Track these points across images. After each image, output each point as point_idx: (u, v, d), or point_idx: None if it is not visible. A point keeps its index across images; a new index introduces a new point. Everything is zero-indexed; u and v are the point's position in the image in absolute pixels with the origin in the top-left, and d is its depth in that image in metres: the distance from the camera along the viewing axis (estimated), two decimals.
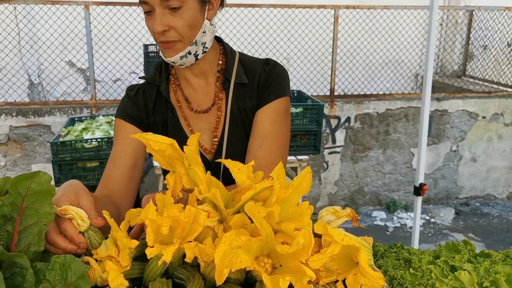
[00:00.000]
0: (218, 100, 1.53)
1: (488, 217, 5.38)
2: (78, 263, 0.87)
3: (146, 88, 1.57)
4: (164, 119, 1.55)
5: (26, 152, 4.63)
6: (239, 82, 1.53)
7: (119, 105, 1.60)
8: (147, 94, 1.56)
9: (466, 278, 1.06)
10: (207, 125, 1.55)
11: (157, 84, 1.56)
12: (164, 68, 1.57)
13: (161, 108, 1.55)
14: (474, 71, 6.54)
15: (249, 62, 1.58)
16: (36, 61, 5.41)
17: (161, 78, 1.55)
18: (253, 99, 1.53)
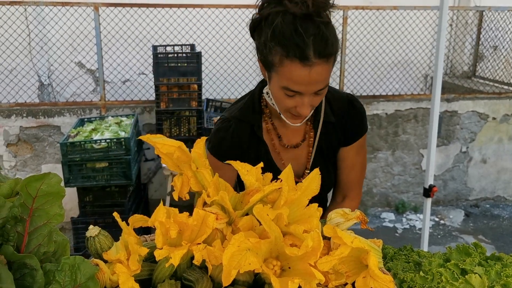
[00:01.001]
0: (308, 137, 1.67)
1: (498, 219, 5.33)
2: (87, 265, 0.88)
3: (239, 125, 1.63)
4: (257, 155, 1.64)
5: (36, 153, 4.66)
6: (327, 120, 1.65)
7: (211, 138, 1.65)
8: (240, 133, 1.63)
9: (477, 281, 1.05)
10: (296, 158, 1.68)
11: (251, 123, 1.63)
12: (258, 107, 1.64)
13: (254, 146, 1.65)
14: (484, 72, 6.49)
15: (335, 101, 1.66)
16: (46, 62, 5.44)
17: (256, 118, 1.63)
18: (340, 138, 1.68)
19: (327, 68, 1.38)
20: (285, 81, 1.38)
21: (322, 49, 1.33)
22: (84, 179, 3.69)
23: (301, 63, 1.33)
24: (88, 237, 1.04)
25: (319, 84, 1.38)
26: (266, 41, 1.38)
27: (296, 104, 1.41)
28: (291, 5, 1.32)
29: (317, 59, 1.33)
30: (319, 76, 1.36)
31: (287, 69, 1.35)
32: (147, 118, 4.79)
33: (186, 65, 4.21)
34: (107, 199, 3.89)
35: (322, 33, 1.33)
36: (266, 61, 1.42)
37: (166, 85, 4.18)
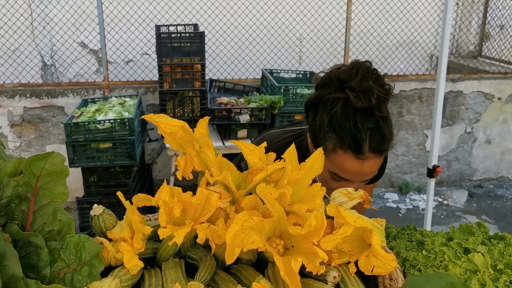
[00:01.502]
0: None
1: (502, 200, 5.33)
2: (92, 243, 0.88)
3: None
4: None
5: (40, 133, 4.67)
6: None
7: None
8: None
9: (480, 260, 1.05)
10: None
11: None
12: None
13: None
14: (490, 51, 6.41)
15: None
16: (49, 42, 5.42)
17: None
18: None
19: (379, 162, 1.37)
20: (335, 168, 1.37)
21: (378, 145, 1.33)
22: (89, 159, 3.71)
23: (354, 156, 1.32)
24: (92, 216, 1.04)
25: (369, 175, 1.39)
26: (322, 126, 1.36)
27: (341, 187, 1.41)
28: (354, 99, 1.30)
29: (371, 154, 1.33)
30: (370, 169, 1.36)
31: (339, 159, 1.34)
32: (151, 98, 4.78)
33: (189, 45, 4.18)
34: (112, 179, 3.91)
35: (380, 129, 1.33)
36: (318, 142, 1.40)
37: (170, 65, 4.16)
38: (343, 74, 1.35)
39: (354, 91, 1.31)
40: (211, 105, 4.20)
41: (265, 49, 5.31)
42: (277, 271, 0.99)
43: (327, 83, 1.38)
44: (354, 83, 1.31)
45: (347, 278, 1.00)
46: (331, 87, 1.36)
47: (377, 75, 1.36)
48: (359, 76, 1.33)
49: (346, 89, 1.32)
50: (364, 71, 1.35)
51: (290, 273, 0.91)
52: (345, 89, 1.33)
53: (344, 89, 1.33)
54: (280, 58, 5.41)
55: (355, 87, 1.31)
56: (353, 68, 1.36)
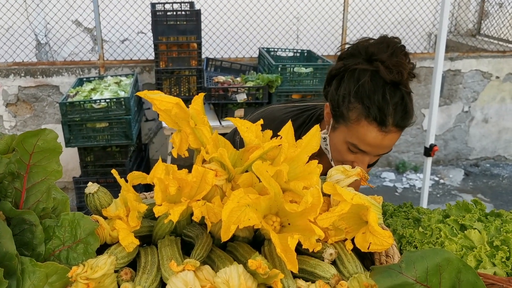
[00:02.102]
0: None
1: (497, 178, 5.36)
2: (87, 220, 0.88)
3: None
4: None
5: (36, 113, 4.64)
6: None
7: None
8: None
9: (476, 236, 1.05)
10: None
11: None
12: None
13: None
14: (489, 29, 6.36)
15: None
16: (43, 20, 5.34)
17: None
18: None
19: (398, 137, 1.37)
20: (356, 139, 1.36)
21: (401, 120, 1.33)
22: (85, 139, 3.69)
23: (378, 128, 1.32)
24: (87, 194, 1.03)
25: (387, 149, 1.39)
26: (347, 95, 1.35)
27: (355, 160, 1.40)
28: (385, 71, 1.30)
29: (394, 128, 1.33)
30: (390, 143, 1.36)
31: (362, 129, 1.34)
32: (147, 77, 4.73)
33: (185, 23, 4.12)
34: (108, 159, 3.90)
35: (406, 104, 1.34)
36: (339, 113, 1.39)
37: (165, 44, 4.11)
38: (373, 47, 1.36)
39: (384, 63, 1.31)
40: (207, 84, 4.16)
41: (262, 28, 5.24)
42: (273, 249, 0.99)
43: (354, 53, 1.38)
44: (384, 57, 1.32)
45: (343, 255, 1.00)
46: (358, 58, 1.36)
47: (406, 52, 1.38)
48: (389, 50, 1.34)
49: (374, 61, 1.33)
50: (394, 46, 1.36)
51: (287, 250, 0.91)
52: (373, 61, 1.33)
53: (373, 61, 1.33)
54: (277, 37, 5.35)
55: (385, 60, 1.32)
56: (383, 42, 1.37)
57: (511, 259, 0.98)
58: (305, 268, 0.97)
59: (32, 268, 0.78)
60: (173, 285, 0.87)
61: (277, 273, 0.88)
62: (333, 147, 1.45)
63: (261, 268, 0.87)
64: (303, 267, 0.97)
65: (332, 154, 1.47)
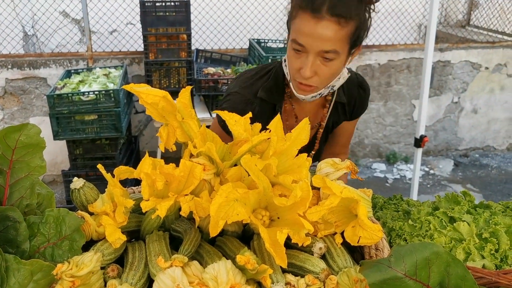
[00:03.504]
0: (323, 118, 1.71)
1: (487, 168, 5.40)
2: (72, 217, 0.86)
3: (261, 106, 1.61)
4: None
5: (23, 105, 4.58)
6: (339, 101, 1.70)
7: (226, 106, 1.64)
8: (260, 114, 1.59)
9: (465, 229, 1.05)
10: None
11: (274, 103, 1.62)
12: (281, 87, 1.62)
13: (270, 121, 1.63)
14: (478, 20, 6.37)
15: (347, 82, 1.65)
16: (29, 11, 5.25)
17: (279, 97, 1.62)
18: (346, 116, 1.76)
19: (336, 29, 1.33)
20: (295, 33, 1.37)
21: (335, 7, 1.31)
22: (73, 132, 3.64)
23: (311, 15, 1.32)
24: (73, 189, 1.02)
25: (325, 44, 1.34)
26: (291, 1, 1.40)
27: (301, 65, 1.39)
28: None
29: (328, 15, 1.31)
30: (325, 32, 1.32)
31: (298, 20, 1.36)
32: (136, 69, 4.69)
33: (174, 14, 4.07)
34: (98, 151, 3.86)
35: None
36: (289, 18, 1.42)
37: (155, 35, 4.06)
38: None
39: None
40: (197, 75, 4.13)
41: (252, 19, 5.20)
42: (262, 243, 0.98)
43: None
44: None
45: (333, 249, 1.00)
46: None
47: None
48: None
49: None
50: None
51: (276, 245, 0.91)
52: None
53: None
54: (268, 28, 5.32)
55: None
56: None
57: (500, 251, 0.98)
58: (294, 263, 0.97)
59: (17, 265, 0.77)
60: (160, 281, 0.86)
61: (265, 268, 0.87)
62: (288, 62, 1.48)
63: (249, 264, 0.87)
64: (292, 262, 0.97)
65: (289, 73, 1.48)
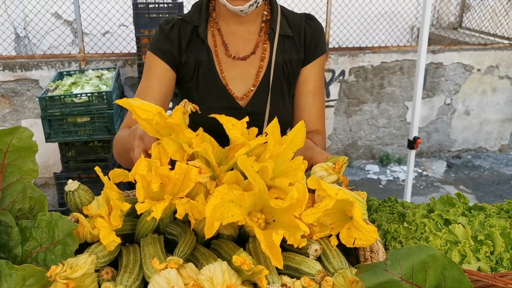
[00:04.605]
0: (261, 49, 1.53)
1: (479, 170, 5.43)
2: (65, 221, 0.85)
3: (182, 25, 1.53)
4: (198, 60, 1.53)
5: (15, 107, 4.55)
6: (284, 34, 1.53)
7: (152, 39, 1.57)
8: (183, 32, 1.52)
9: (460, 231, 1.05)
10: (242, 72, 1.55)
11: (195, 24, 1.52)
12: (205, 9, 1.54)
13: (196, 49, 1.53)
14: (470, 22, 6.41)
15: (291, 15, 1.58)
16: (21, 13, 5.22)
17: (201, 19, 1.52)
18: (299, 53, 1.56)
19: None
20: None
21: None
22: (66, 134, 3.62)
23: None
24: (67, 192, 1.01)
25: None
26: None
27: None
28: None
29: None
30: None
31: None
32: (129, 71, 4.67)
33: (167, 15, 4.07)
34: (90, 154, 3.84)
35: None
36: None
37: (148, 36, 4.05)
38: None
39: None
40: None
41: None
42: (258, 245, 0.97)
43: None
44: None
45: (328, 251, 1.00)
46: None
47: None
48: None
49: None
50: None
51: (271, 246, 0.90)
52: None
53: None
54: None
55: None
56: None
57: (495, 253, 0.98)
58: (290, 265, 0.96)
59: (9, 271, 0.75)
60: (155, 283, 0.85)
61: (261, 269, 0.87)
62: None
63: (245, 264, 0.86)
64: (288, 264, 0.96)
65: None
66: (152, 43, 1.55)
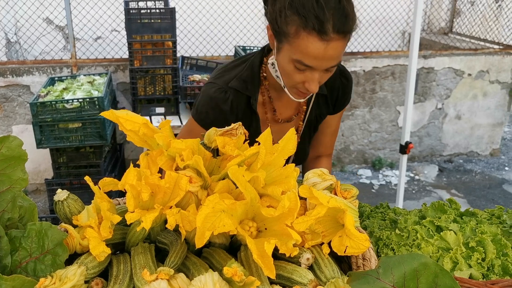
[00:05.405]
0: (301, 110, 1.65)
1: (471, 174, 5.46)
2: (55, 230, 0.84)
3: (235, 96, 1.54)
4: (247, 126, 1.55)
5: (6, 113, 4.51)
6: (320, 93, 1.61)
7: (198, 104, 1.56)
8: (235, 104, 1.54)
9: (452, 238, 1.05)
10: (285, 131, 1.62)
11: (247, 94, 1.55)
12: (257, 79, 1.56)
13: (246, 117, 1.57)
14: (461, 27, 6.47)
15: None
16: (12, 18, 5.19)
17: (255, 89, 1.56)
18: (329, 108, 1.69)
19: (343, 45, 1.32)
20: (299, 54, 1.31)
21: (342, 25, 1.27)
22: (57, 140, 3.60)
23: (318, 37, 1.26)
24: (57, 201, 1.00)
25: (333, 61, 1.33)
26: (283, 9, 1.30)
27: (305, 79, 1.36)
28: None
29: (335, 35, 1.27)
30: (334, 52, 1.30)
31: (303, 42, 1.28)
32: (121, 76, 4.66)
33: (159, 21, 4.06)
34: (82, 160, 3.81)
35: (343, 8, 1.27)
36: (279, 30, 1.34)
37: (140, 42, 4.04)
38: None
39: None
40: (183, 83, 4.12)
41: (238, 26, 5.21)
42: (249, 254, 0.97)
43: None
44: None
45: (320, 259, 0.99)
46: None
47: None
48: None
49: None
50: None
51: (263, 256, 0.90)
52: None
53: None
54: (253, 35, 5.33)
55: None
56: None
57: (487, 260, 0.98)
58: (282, 274, 0.96)
59: None
60: None
61: (253, 280, 0.86)
62: (282, 71, 1.41)
63: (236, 276, 0.86)
64: (280, 273, 0.96)
65: (283, 80, 1.43)
66: (199, 111, 1.55)
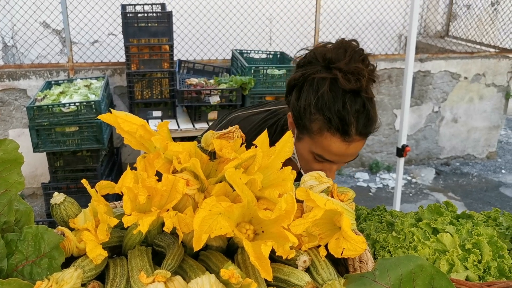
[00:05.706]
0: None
1: (467, 177, 5.48)
2: (51, 234, 0.84)
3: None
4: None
5: (3, 117, 4.51)
6: None
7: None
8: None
9: (448, 240, 1.06)
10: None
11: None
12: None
13: None
14: (457, 31, 6.50)
15: None
16: (9, 22, 5.19)
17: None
18: None
19: (363, 143, 1.35)
20: (320, 150, 1.33)
21: (364, 128, 1.30)
22: (54, 143, 3.59)
23: (341, 138, 1.29)
24: (53, 205, 0.99)
25: (352, 157, 1.37)
26: (308, 107, 1.31)
27: (323, 169, 1.36)
28: (344, 80, 1.26)
29: (357, 136, 1.30)
30: (355, 151, 1.34)
31: (325, 141, 1.31)
32: (118, 80, 4.66)
33: (156, 25, 4.07)
34: (79, 163, 3.81)
35: (367, 111, 1.30)
36: (302, 124, 1.35)
37: (137, 46, 4.04)
38: (330, 53, 1.31)
39: (342, 71, 1.27)
40: (180, 86, 4.12)
41: (235, 29, 5.23)
42: (246, 257, 0.97)
43: (312, 61, 1.33)
44: (342, 64, 1.28)
45: (317, 262, 0.99)
46: (316, 66, 1.31)
47: (364, 55, 1.33)
48: (347, 56, 1.29)
49: (333, 69, 1.28)
50: (352, 51, 1.31)
51: (260, 258, 0.90)
52: (332, 69, 1.29)
53: (331, 69, 1.29)
54: (250, 39, 5.35)
55: (342, 68, 1.28)
56: (341, 47, 1.32)
57: (483, 262, 0.99)
58: (279, 276, 0.96)
59: None
60: None
61: (250, 282, 0.86)
62: (300, 156, 1.42)
63: (234, 278, 0.85)
64: (277, 275, 0.96)
65: (300, 163, 1.44)
66: None
